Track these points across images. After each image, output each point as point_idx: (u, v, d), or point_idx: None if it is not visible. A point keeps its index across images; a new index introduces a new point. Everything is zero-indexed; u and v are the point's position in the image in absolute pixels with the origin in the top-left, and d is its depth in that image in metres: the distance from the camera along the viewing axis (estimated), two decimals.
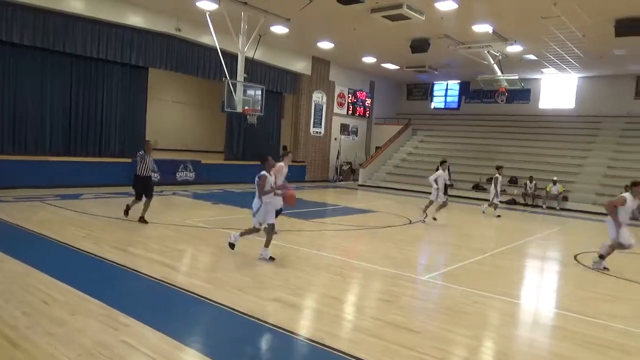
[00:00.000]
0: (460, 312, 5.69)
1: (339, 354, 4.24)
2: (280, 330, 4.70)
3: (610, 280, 7.78)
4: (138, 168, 9.75)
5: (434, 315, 5.58)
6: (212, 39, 15.17)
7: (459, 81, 28.41)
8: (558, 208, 18.62)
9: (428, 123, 28.34)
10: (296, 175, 21.03)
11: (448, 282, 6.96)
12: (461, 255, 8.87)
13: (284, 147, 10.31)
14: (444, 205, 13.11)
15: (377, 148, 27.42)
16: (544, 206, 18.97)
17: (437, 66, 23.54)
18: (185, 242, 8.48)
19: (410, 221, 12.85)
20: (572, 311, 6.02)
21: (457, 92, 28.91)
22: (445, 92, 29.46)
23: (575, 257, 9.34)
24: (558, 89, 25.28)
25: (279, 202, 8.08)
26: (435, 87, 29.70)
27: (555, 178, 19.20)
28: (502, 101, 22.02)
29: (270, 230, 7.52)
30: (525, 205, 19.48)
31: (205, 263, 7.46)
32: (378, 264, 7.74)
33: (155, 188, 10.96)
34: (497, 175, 15.00)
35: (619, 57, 18.93)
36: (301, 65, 22.90)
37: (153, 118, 19.15)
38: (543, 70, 22.70)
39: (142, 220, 9.61)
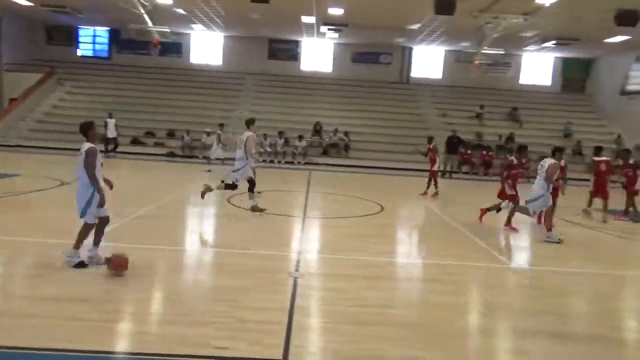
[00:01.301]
0: (129, 270, 5.63)
1: None
2: None
3: (257, 218, 9.12)
4: None
5: (99, 279, 5.34)
6: None
7: (108, 28, 26.47)
8: (214, 158, 20.21)
9: (76, 73, 25.52)
10: None
11: (112, 242, 6.71)
12: (124, 212, 8.65)
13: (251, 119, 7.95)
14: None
15: (11, 100, 23.05)
16: (200, 156, 20.29)
17: (81, 8, 21.20)
18: None
19: (62, 183, 11.58)
20: (227, 247, 6.84)
21: (107, 40, 26.93)
22: (93, 39, 27.00)
23: (228, 200, 10.51)
24: (207, 46, 26.95)
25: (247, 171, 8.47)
26: (81, 33, 26.79)
27: (208, 129, 20.61)
28: (155, 53, 21.98)
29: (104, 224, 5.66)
30: (184, 157, 20.48)
31: None
32: (29, 236, 6.74)
33: None
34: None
35: (255, 20, 21.53)
36: None
37: None
38: (193, 26, 23.63)
39: None
